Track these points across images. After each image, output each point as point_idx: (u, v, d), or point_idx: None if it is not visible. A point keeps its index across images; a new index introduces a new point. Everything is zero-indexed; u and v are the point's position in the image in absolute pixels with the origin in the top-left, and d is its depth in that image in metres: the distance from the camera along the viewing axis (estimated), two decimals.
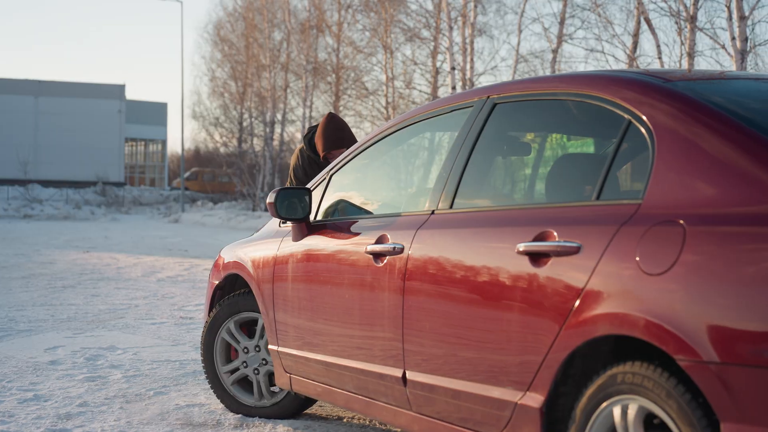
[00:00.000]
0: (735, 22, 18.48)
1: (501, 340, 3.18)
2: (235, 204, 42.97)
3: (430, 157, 16.62)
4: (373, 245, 3.87)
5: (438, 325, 3.48)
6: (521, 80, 3.62)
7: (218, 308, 5.08)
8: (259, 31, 39.51)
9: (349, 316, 4.02)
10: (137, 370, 6.27)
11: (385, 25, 28.56)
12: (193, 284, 12.26)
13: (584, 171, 3.35)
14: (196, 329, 8.21)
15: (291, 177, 6.41)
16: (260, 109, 40.39)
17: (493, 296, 3.21)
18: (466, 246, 3.40)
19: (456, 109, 3.87)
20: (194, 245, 21.25)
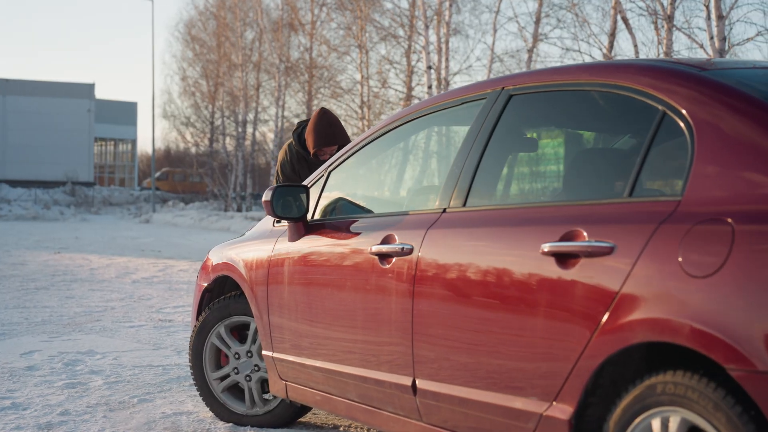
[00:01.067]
0: (713, 21, 18.41)
1: (524, 347, 2.97)
2: (206, 204, 42.62)
3: (437, 153, 16.30)
4: (379, 246, 3.66)
5: (452, 330, 3.26)
6: (539, 70, 3.41)
7: (207, 312, 4.84)
8: (231, 30, 39.16)
9: (351, 321, 3.80)
10: (119, 376, 6.01)
11: (360, 23, 28.34)
12: (170, 286, 11.98)
13: (613, 166, 3.14)
14: (176, 332, 7.96)
15: (278, 173, 6.17)
16: (232, 109, 40.06)
17: (514, 300, 3.01)
18: (484, 246, 3.19)
19: (467, 101, 3.66)
20: (167, 246, 20.93)
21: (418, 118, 3.95)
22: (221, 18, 40.52)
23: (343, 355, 3.88)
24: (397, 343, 3.53)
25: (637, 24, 31.87)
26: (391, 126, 4.05)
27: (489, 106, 3.49)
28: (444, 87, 25.87)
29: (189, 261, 16.35)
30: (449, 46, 26.15)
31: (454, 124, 4.22)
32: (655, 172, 2.86)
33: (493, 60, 27.01)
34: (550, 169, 3.44)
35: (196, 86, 43.36)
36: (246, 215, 32.62)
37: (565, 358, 2.82)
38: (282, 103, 36.41)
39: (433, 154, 16.73)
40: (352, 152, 4.23)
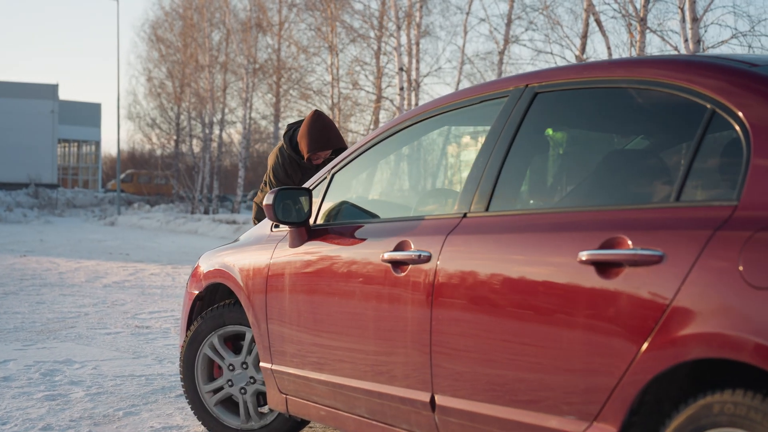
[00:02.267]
0: (688, 23, 18.38)
1: (560, 363, 2.77)
2: (172, 206, 42.17)
3: (454, 154, 15.98)
4: (392, 253, 3.44)
5: (477, 343, 3.05)
6: (567, 66, 3.21)
7: (200, 321, 4.60)
8: (198, 31, 38.78)
9: (361, 332, 3.58)
10: (100, 387, 5.75)
11: (330, 24, 28.11)
12: (142, 290, 11.70)
13: (655, 169, 2.95)
14: (154, 340, 7.70)
15: (270, 178, 5.93)
16: (199, 110, 39.66)
17: (549, 312, 2.80)
18: (512, 254, 2.98)
19: (486, 99, 3.45)
20: (135, 249, 20.58)
21: (430, 117, 3.74)
22: (188, 18, 40.15)
23: (351, 368, 3.66)
24: (413, 356, 3.32)
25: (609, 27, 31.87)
26: (401, 126, 3.84)
27: (512, 104, 3.28)
28: (415, 89, 25.70)
29: (159, 264, 16.04)
30: (420, 48, 25.99)
31: (470, 123, 4.01)
32: (703, 174, 2.67)
33: (464, 62, 26.91)
34: (582, 171, 3.24)
35: (162, 87, 42.97)
36: (213, 217, 32.24)
37: (607, 374, 2.63)
38: (249, 105, 36.11)
39: (444, 156, 16.45)
40: (357, 153, 4.01)
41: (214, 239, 26.11)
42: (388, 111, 29.11)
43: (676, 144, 2.90)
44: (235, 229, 28.05)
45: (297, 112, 34.46)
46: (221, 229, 28.65)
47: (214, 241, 24.76)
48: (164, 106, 43.28)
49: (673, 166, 2.75)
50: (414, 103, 25.36)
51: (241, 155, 36.33)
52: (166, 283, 12.79)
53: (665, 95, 2.81)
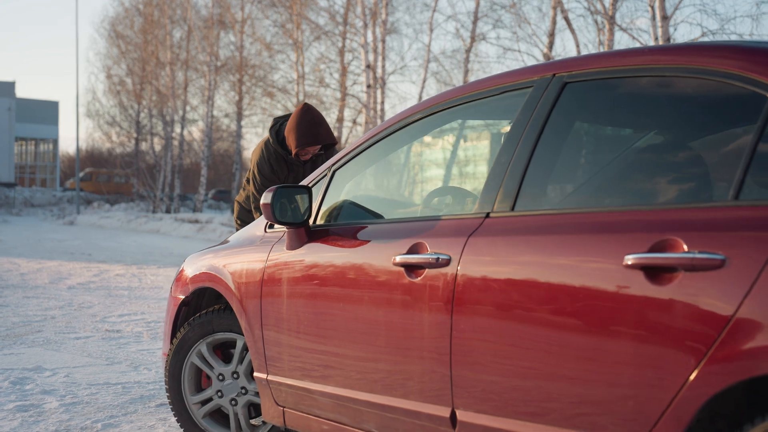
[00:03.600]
0: (658, 21, 18.29)
1: (604, 377, 2.53)
2: (133, 205, 41.60)
3: (470, 149, 15.62)
4: (405, 256, 3.18)
5: (505, 355, 2.81)
6: (601, 54, 2.97)
7: (187, 328, 4.31)
8: (159, 27, 38.25)
9: (371, 341, 3.32)
10: (75, 396, 5.44)
11: (295, 21, 27.78)
12: (108, 292, 11.35)
13: (708, 165, 2.71)
14: (127, 345, 7.38)
15: (255, 174, 5.65)
16: (160, 108, 39.13)
17: (590, 321, 2.56)
18: (546, 257, 2.73)
19: (508, 90, 3.20)
20: (97, 249, 20.14)
21: (442, 110, 3.48)
22: (148, 15, 39.59)
23: (359, 379, 3.40)
24: (430, 367, 3.07)
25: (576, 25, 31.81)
26: (409, 119, 3.58)
27: (538, 95, 3.04)
28: (381, 86, 25.46)
29: (123, 265, 15.66)
30: (385, 46, 25.76)
31: (488, 117, 3.76)
32: (764, 171, 2.43)
33: (430, 60, 26.71)
34: (623, 168, 2.99)
35: (122, 85, 42.39)
36: (175, 217, 31.79)
37: (660, 390, 2.39)
38: (211, 103, 35.68)
39: (459, 151, 16.11)
40: (361, 149, 3.74)
41: (177, 239, 25.71)
42: (354, 109, 28.85)
43: (731, 138, 2.67)
44: (198, 228, 27.66)
45: (260, 110, 34.10)
46: (184, 228, 28.24)
47: (178, 241, 24.37)
48: (124, 103, 42.71)
49: (728, 161, 2.52)
50: (380, 101, 25.11)
51: (203, 153, 35.88)
52: (132, 284, 12.44)
53: (717, 84, 2.57)
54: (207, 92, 35.02)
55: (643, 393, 2.44)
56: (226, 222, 29.84)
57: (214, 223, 29.24)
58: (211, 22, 34.69)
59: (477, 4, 25.18)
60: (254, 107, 35.21)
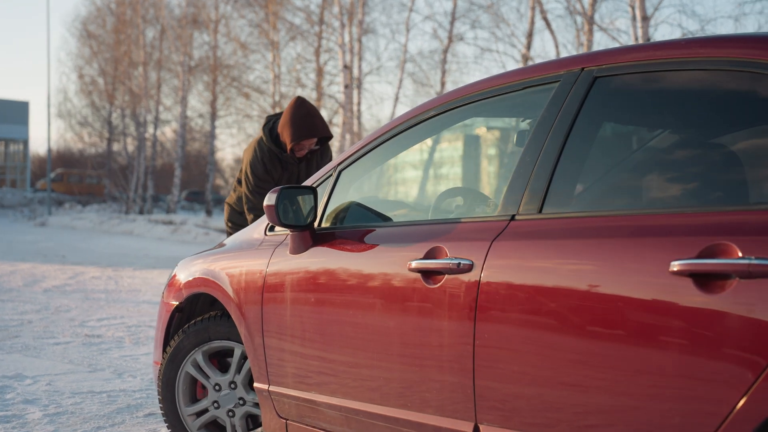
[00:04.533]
0: (638, 22, 18.23)
1: (647, 391, 2.36)
2: (105, 206, 41.15)
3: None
4: (422, 261, 3.00)
5: (535, 366, 2.63)
6: (633, 46, 2.80)
7: (182, 335, 4.11)
8: (132, 27, 37.86)
9: (384, 351, 3.13)
10: (59, 406, 5.21)
11: (272, 21, 27.53)
12: (86, 295, 11.10)
13: (760, 164, 2.54)
14: (109, 350, 7.15)
15: (247, 175, 5.44)
16: (132, 108, 38.73)
17: (631, 332, 2.39)
18: (581, 263, 2.55)
19: (531, 85, 3.02)
20: (70, 250, 19.84)
21: (458, 107, 3.30)
22: (121, 14, 39.19)
23: (371, 391, 3.21)
24: (451, 379, 2.88)
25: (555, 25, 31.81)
26: (422, 117, 3.39)
27: (565, 90, 2.86)
28: (357, 87, 25.27)
29: (99, 267, 15.40)
30: (362, 45, 25.59)
31: (506, 114, 3.57)
32: None
33: (406, 60, 26.57)
34: (660, 168, 2.82)
35: (94, 85, 41.95)
36: (149, 218, 31.45)
37: (712, 405, 2.22)
38: (185, 103, 35.37)
39: (475, 151, 15.84)
40: (368, 148, 3.56)
41: (151, 240, 25.41)
42: (330, 109, 28.65)
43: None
44: (173, 229, 27.36)
45: (235, 110, 33.82)
46: (158, 229, 27.93)
47: (152, 243, 24.07)
48: (96, 104, 42.28)
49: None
50: (357, 101, 24.93)
51: (177, 154, 35.53)
52: (109, 287, 12.19)
53: (766, 78, 2.40)
54: (181, 92, 34.69)
55: (691, 408, 2.27)
56: (201, 223, 29.56)
57: (189, 224, 28.94)
58: (184, 22, 34.36)
59: (454, 4, 25.07)
60: (229, 107, 34.93)
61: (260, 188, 5.37)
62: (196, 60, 35.20)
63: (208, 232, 25.84)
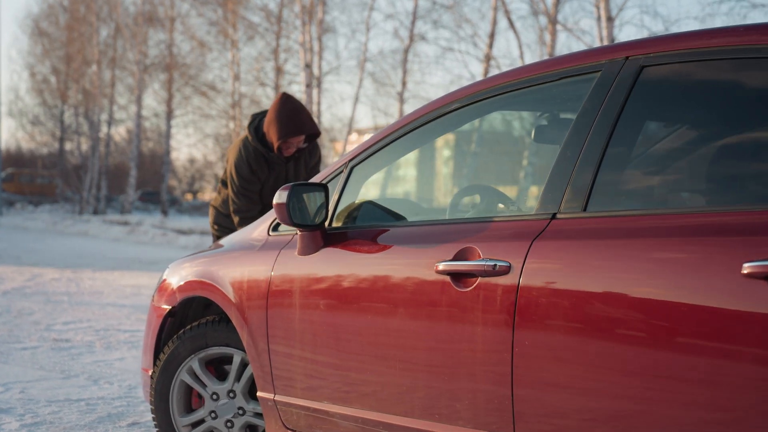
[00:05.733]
0: (603, 22, 18.20)
1: (723, 403, 2.18)
2: (58, 207, 40.51)
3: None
4: (451, 263, 2.80)
5: (584, 377, 2.44)
6: (683, 34, 2.62)
7: (176, 342, 3.88)
8: (86, 24, 37.26)
9: (408, 358, 2.93)
10: (35, 415, 4.95)
11: (231, 19, 27.19)
12: (47, 297, 10.75)
13: None
14: (80, 355, 6.87)
15: (232, 176, 5.19)
16: (86, 107, 38.12)
17: (701, 338, 2.21)
18: (634, 265, 2.38)
19: (568, 75, 2.84)
20: (25, 252, 19.36)
21: (484, 99, 3.10)
22: (74, 11, 38.57)
23: (392, 401, 3.00)
24: (485, 389, 2.69)
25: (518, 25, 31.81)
26: (444, 110, 3.19)
27: (608, 80, 2.68)
28: (317, 86, 25.04)
29: (57, 269, 15.00)
30: (322, 45, 25.37)
31: (536, 107, 3.37)
32: None
33: (366, 59, 26.38)
34: (718, 162, 2.64)
35: (46, 83, 41.27)
36: (104, 218, 30.96)
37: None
38: (140, 102, 34.89)
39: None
40: (385, 142, 3.35)
41: (107, 241, 24.97)
42: None
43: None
44: (129, 230, 26.93)
45: (195, 108, 33.41)
46: (114, 230, 27.49)
47: (108, 244, 23.64)
48: (48, 102, 41.61)
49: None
50: (317, 101, 24.70)
51: (132, 154, 35.03)
52: (70, 289, 11.85)
53: None
54: (136, 91, 34.19)
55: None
56: (158, 224, 29.15)
57: (145, 225, 28.52)
58: (140, 20, 33.89)
59: (416, 4, 24.91)
60: (186, 106, 34.51)
61: (246, 190, 5.15)
62: (151, 58, 34.73)
63: (165, 233, 25.44)
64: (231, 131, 28.58)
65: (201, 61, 31.89)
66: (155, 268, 15.93)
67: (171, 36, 33.42)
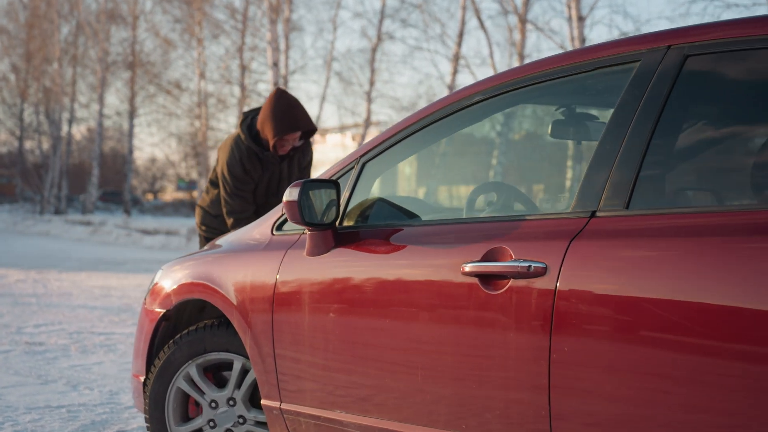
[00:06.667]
0: (574, 22, 18.16)
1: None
2: (18, 206, 39.91)
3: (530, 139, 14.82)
4: (479, 264, 2.64)
5: (631, 385, 2.29)
6: (732, 21, 2.48)
7: (173, 347, 3.68)
8: (49, 22, 36.72)
9: (431, 365, 2.76)
10: (15, 423, 4.72)
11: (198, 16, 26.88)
12: (14, 299, 10.48)
13: None
14: (55, 359, 6.64)
15: (225, 176, 4.98)
16: (47, 105, 37.57)
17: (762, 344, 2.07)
18: (690, 267, 2.23)
19: (604, 65, 2.68)
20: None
21: (506, 92, 2.94)
22: (34, 8, 37.99)
23: (415, 411, 2.83)
24: (519, 397, 2.54)
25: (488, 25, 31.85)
26: (463, 103, 3.02)
27: (649, 70, 2.53)
28: (284, 85, 24.81)
29: (21, 270, 14.69)
30: (288, 43, 25.15)
31: (566, 100, 3.20)
32: None
33: (333, 58, 26.20)
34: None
35: (5, 81, 40.65)
36: (66, 218, 30.51)
37: None
38: (102, 101, 34.45)
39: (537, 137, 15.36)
40: (400, 136, 3.17)
41: (70, 241, 24.60)
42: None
43: None
44: (92, 230, 26.56)
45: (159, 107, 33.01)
46: (76, 230, 27.10)
47: (71, 244, 23.29)
48: (7, 100, 40.99)
49: None
50: None
51: (95, 153, 34.56)
52: (38, 290, 11.57)
53: None
54: (99, 89, 33.74)
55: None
56: (121, 224, 28.77)
57: (108, 225, 28.15)
58: (102, 17, 33.45)
59: (383, 3, 24.76)
60: (150, 105, 34.10)
61: (240, 190, 4.95)
62: (114, 56, 34.30)
63: (130, 233, 25.09)
64: (197, 130, 28.26)
65: (165, 59, 31.50)
66: (123, 269, 15.66)
67: (134, 33, 33.02)
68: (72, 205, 42.49)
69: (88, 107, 37.69)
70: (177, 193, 59.41)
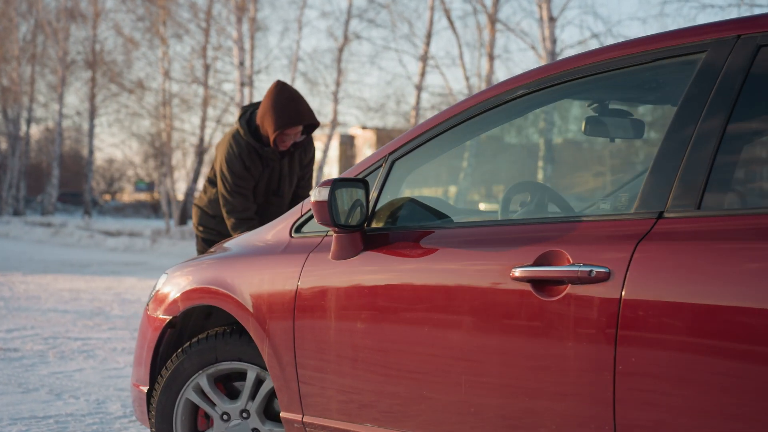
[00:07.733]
0: (545, 23, 18.08)
1: None
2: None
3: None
4: (532, 268, 2.46)
5: (714, 402, 2.13)
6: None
7: (182, 357, 3.47)
8: (7, 20, 36.11)
9: (477, 376, 2.59)
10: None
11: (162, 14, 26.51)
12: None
13: None
14: (34, 366, 6.39)
15: (224, 173, 4.76)
16: (5, 105, 36.93)
17: None
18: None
19: (664, 57, 2.52)
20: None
21: (551, 86, 2.76)
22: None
23: (458, 424, 2.65)
24: (578, 411, 2.37)
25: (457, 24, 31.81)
26: (504, 97, 2.84)
27: (718, 62, 2.37)
28: (249, 84, 24.53)
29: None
30: (254, 43, 24.89)
31: (616, 95, 3.03)
32: None
33: (299, 58, 25.98)
34: None
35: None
36: (26, 220, 29.99)
37: None
38: (62, 100, 33.94)
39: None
40: (432, 133, 2.99)
41: (31, 243, 24.17)
42: (219, 108, 27.85)
43: None
44: (53, 232, 26.11)
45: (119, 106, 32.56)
46: (37, 232, 26.63)
47: (32, 246, 22.87)
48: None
49: None
50: (249, 99, 24.18)
51: (54, 153, 34.02)
52: (4, 294, 11.26)
53: None
54: (59, 89, 33.23)
55: None
56: (82, 225, 28.33)
57: (70, 226, 27.70)
58: (62, 15, 32.94)
59: (350, 3, 24.56)
60: (111, 104, 33.64)
61: (240, 187, 4.73)
62: (74, 55, 33.80)
63: (92, 235, 24.68)
64: (161, 130, 27.90)
65: (128, 58, 31.06)
66: (88, 271, 15.34)
67: (95, 32, 32.56)
68: (30, 207, 41.85)
69: (47, 107, 37.14)
70: (136, 194, 58.82)
